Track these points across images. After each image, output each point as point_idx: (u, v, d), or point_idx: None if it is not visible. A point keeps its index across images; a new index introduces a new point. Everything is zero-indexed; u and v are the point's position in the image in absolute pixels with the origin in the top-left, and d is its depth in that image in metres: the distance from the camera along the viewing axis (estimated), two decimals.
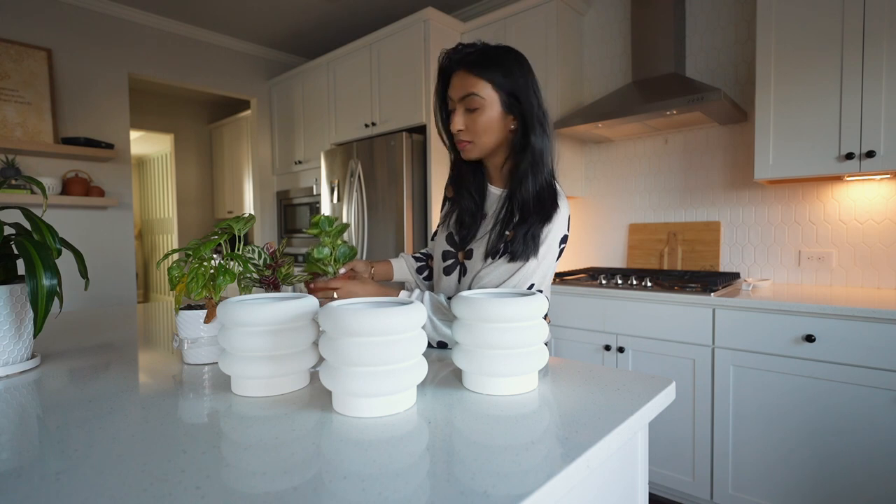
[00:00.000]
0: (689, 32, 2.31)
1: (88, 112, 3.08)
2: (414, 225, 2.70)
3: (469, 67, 0.95)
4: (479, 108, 0.95)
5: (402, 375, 0.60)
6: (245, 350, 0.68)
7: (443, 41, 2.74)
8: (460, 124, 0.97)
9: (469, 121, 0.97)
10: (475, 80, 0.94)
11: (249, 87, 3.90)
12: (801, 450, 1.60)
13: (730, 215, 2.25)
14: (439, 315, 0.96)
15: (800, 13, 1.77)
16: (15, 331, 0.82)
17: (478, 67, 0.94)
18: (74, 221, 3.02)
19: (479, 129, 0.97)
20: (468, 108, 0.96)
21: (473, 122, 0.97)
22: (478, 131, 0.97)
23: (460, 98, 0.96)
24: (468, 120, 0.97)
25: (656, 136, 2.43)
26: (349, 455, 0.50)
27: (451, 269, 1.07)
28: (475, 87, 0.94)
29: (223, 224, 0.88)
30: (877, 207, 1.91)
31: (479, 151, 1.00)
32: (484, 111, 0.95)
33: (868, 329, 1.48)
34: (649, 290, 1.88)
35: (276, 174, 4.03)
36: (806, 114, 1.78)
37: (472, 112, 0.96)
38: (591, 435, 0.55)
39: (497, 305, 0.68)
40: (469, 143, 0.99)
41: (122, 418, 0.61)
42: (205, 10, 3.30)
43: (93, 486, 0.44)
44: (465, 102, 0.95)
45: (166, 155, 5.26)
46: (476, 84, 0.94)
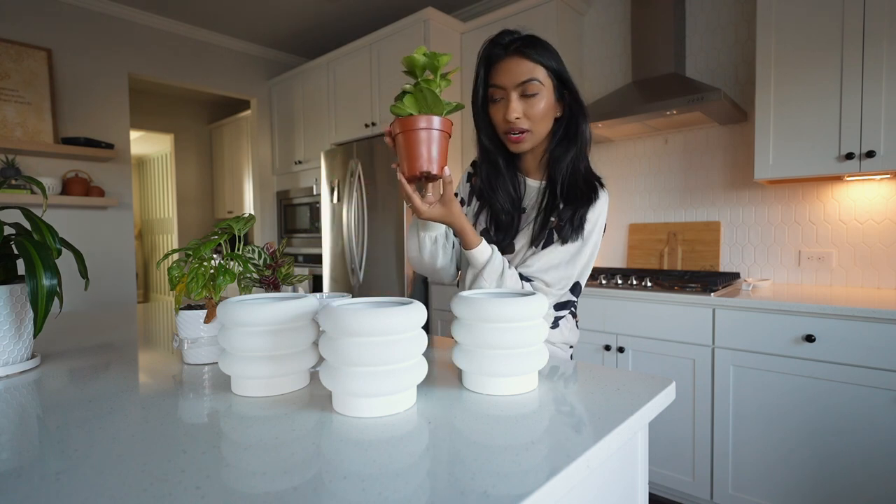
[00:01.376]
0: (689, 32, 2.31)
1: (88, 112, 3.08)
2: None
3: (524, 53, 0.92)
4: (537, 94, 0.92)
5: (402, 375, 0.60)
6: (245, 350, 0.68)
7: (443, 41, 2.74)
8: (518, 111, 0.93)
9: (527, 107, 0.93)
10: (532, 65, 0.91)
11: (249, 87, 3.90)
12: (801, 450, 1.60)
13: (730, 215, 2.25)
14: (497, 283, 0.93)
15: (800, 13, 1.77)
16: (15, 331, 0.82)
17: (534, 52, 0.92)
18: (74, 221, 3.02)
19: (538, 115, 0.93)
20: (526, 95, 0.92)
21: (532, 108, 0.93)
22: (536, 118, 0.94)
23: (517, 84, 0.92)
24: (526, 107, 0.93)
25: (656, 136, 2.43)
26: (349, 455, 0.50)
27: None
28: (533, 71, 0.91)
29: (223, 224, 0.88)
30: (877, 207, 1.91)
31: (533, 141, 0.97)
32: (542, 97, 0.93)
33: (868, 329, 1.48)
34: (649, 290, 1.88)
35: (276, 174, 4.03)
36: (806, 114, 1.78)
37: (530, 98, 0.92)
38: (591, 435, 0.55)
39: (497, 305, 0.68)
40: (526, 132, 0.95)
41: (122, 418, 0.61)
42: (205, 10, 3.30)
43: (93, 486, 0.44)
44: (523, 88, 0.92)
45: (166, 155, 5.26)
46: (534, 69, 0.91)
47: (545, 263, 0.95)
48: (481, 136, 1.02)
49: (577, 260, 0.96)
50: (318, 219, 3.57)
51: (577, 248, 0.96)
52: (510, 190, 1.02)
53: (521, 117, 0.93)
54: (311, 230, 3.65)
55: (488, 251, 0.93)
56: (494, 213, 1.03)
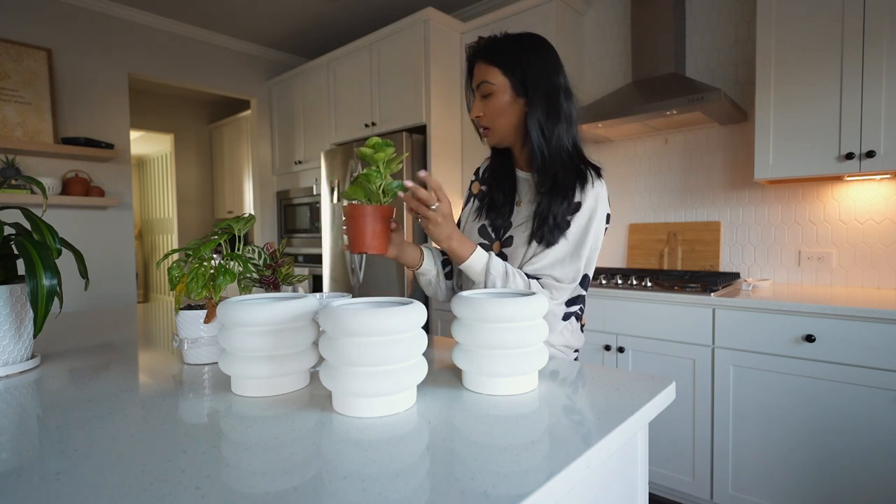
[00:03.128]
0: (689, 32, 2.31)
1: (88, 112, 3.08)
2: (414, 224, 2.70)
3: (483, 57, 1.01)
4: (491, 94, 0.99)
5: (402, 375, 0.60)
6: (245, 350, 0.68)
7: (443, 41, 2.74)
8: (478, 110, 1.02)
9: (484, 107, 1.01)
10: (487, 67, 1.00)
11: (249, 87, 3.90)
12: (801, 450, 1.60)
13: (730, 215, 2.25)
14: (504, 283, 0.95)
15: (800, 13, 1.77)
16: (15, 331, 0.82)
17: (489, 55, 1.00)
18: (74, 221, 3.02)
19: (493, 113, 1.01)
20: (483, 95, 1.01)
21: (487, 107, 1.01)
22: (491, 115, 1.01)
23: (476, 86, 1.01)
24: (483, 106, 1.01)
25: (656, 136, 2.43)
26: (349, 455, 0.50)
27: None
28: (486, 74, 0.99)
29: (223, 224, 0.88)
30: (877, 207, 1.91)
31: (497, 137, 1.04)
32: (496, 96, 0.99)
33: (868, 329, 1.48)
34: (649, 290, 1.88)
35: (276, 174, 4.03)
36: (806, 114, 1.78)
37: (486, 98, 1.00)
38: (590, 435, 0.55)
39: (497, 305, 0.68)
40: (487, 128, 1.03)
41: (122, 418, 0.61)
42: (205, 10, 3.30)
43: (93, 486, 0.44)
44: (480, 90, 1.00)
45: (166, 155, 5.26)
46: (487, 71, 0.99)
47: (552, 259, 0.96)
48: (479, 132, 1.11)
49: (581, 251, 0.97)
50: (318, 219, 3.57)
51: (577, 240, 0.96)
52: (502, 183, 1.09)
53: (481, 115, 1.02)
54: (311, 230, 3.65)
55: (485, 256, 0.95)
56: (491, 203, 1.09)
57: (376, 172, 0.86)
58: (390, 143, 0.86)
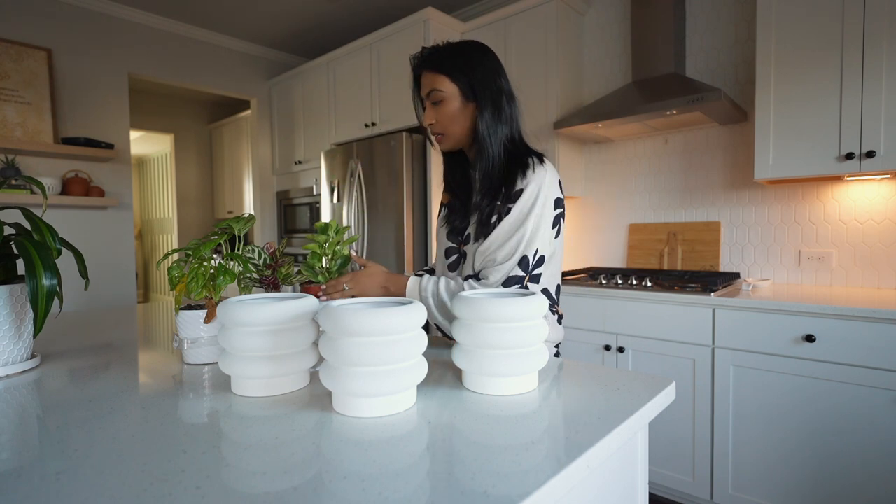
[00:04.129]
0: (689, 32, 2.31)
1: (88, 112, 3.08)
2: (414, 225, 2.70)
3: (429, 66, 1.04)
4: (442, 101, 1.03)
5: (402, 375, 0.60)
6: (245, 350, 0.68)
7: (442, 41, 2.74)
8: (430, 118, 1.05)
9: (437, 113, 1.05)
10: (434, 75, 1.03)
11: (249, 87, 3.90)
12: (801, 450, 1.60)
13: (730, 215, 2.25)
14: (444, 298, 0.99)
15: (800, 13, 1.77)
16: (15, 331, 0.82)
17: (436, 64, 1.03)
18: (74, 221, 3.02)
19: (446, 119, 1.04)
20: (434, 103, 1.04)
21: (439, 114, 1.04)
22: (444, 122, 1.04)
23: (426, 95, 1.04)
24: (436, 114, 1.05)
25: (656, 136, 2.43)
26: (349, 455, 0.50)
27: (456, 264, 1.10)
28: (435, 82, 1.03)
29: (223, 224, 0.88)
30: (877, 207, 1.91)
31: (451, 141, 1.07)
32: (446, 102, 1.03)
33: (868, 329, 1.48)
34: (649, 290, 1.88)
35: (276, 174, 4.03)
36: (806, 114, 1.78)
37: (437, 105, 1.04)
38: (591, 435, 0.55)
39: (497, 305, 0.68)
40: (441, 135, 1.06)
41: (122, 418, 0.61)
42: (205, 10, 3.30)
43: (93, 486, 0.44)
44: (431, 97, 1.04)
45: (166, 155, 5.26)
46: (436, 80, 1.03)
47: (490, 243, 1.00)
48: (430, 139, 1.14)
49: (520, 231, 0.98)
50: (318, 219, 3.57)
51: (515, 221, 0.98)
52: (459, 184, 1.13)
53: (434, 122, 1.05)
54: (311, 230, 3.65)
55: (415, 283, 1.02)
56: (451, 205, 1.13)
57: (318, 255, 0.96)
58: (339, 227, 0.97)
